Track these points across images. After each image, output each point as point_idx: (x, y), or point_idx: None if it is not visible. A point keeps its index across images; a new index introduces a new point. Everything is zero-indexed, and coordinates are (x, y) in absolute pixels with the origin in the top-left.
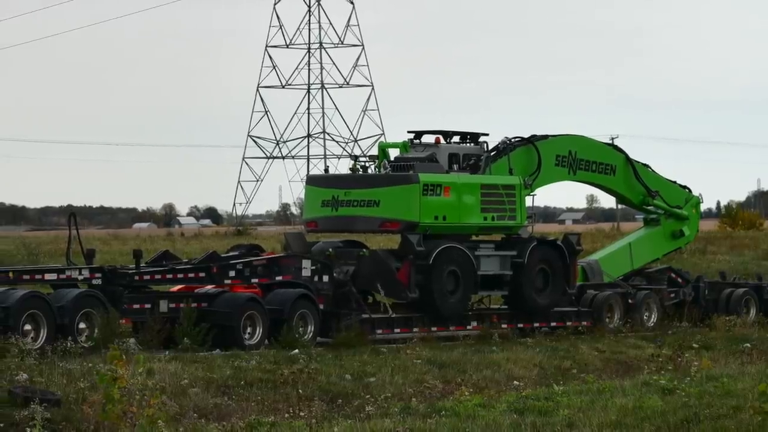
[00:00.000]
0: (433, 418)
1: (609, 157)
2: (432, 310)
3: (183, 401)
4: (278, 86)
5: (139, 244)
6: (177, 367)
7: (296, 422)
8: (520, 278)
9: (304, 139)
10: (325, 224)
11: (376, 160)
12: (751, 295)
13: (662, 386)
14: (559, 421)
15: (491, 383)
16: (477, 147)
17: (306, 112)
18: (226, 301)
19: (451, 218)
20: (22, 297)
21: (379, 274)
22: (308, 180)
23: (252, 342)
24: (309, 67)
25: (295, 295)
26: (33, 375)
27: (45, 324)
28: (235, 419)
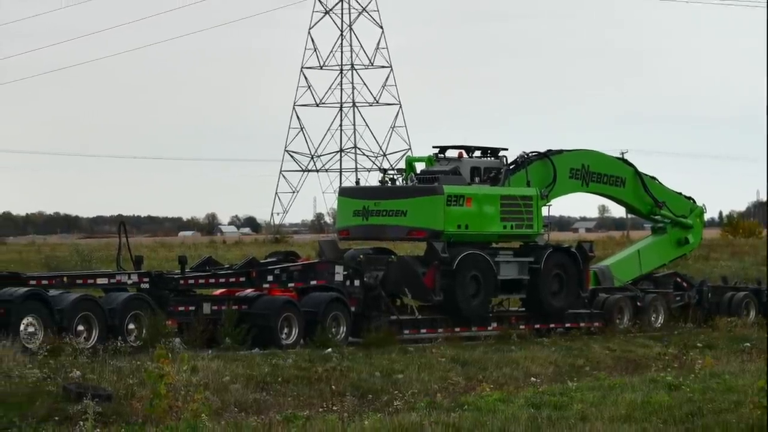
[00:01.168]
0: (456, 412)
1: (619, 170)
2: (455, 312)
3: (224, 396)
4: (313, 105)
5: (184, 251)
6: (219, 365)
7: (329, 416)
8: (537, 282)
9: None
10: (356, 232)
11: (403, 173)
12: (751, 298)
13: (668, 383)
14: (572, 415)
15: (510, 380)
16: (497, 161)
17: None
18: (265, 304)
19: (473, 227)
20: (75, 300)
21: (406, 279)
22: (341, 192)
23: (288, 342)
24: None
25: (329, 298)
26: (86, 372)
27: (97, 325)
28: (272, 413)
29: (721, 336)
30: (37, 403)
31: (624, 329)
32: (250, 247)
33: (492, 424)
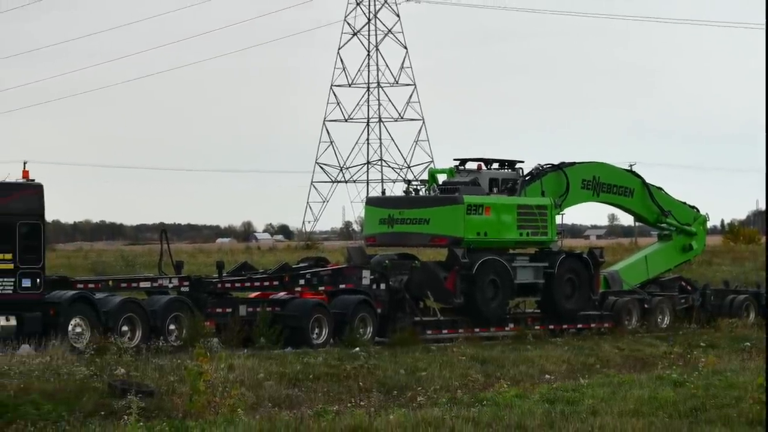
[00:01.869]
0: (476, 407)
1: (628, 181)
2: (475, 313)
3: (259, 392)
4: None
5: (221, 257)
6: (254, 363)
7: (357, 411)
8: (551, 286)
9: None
10: (382, 239)
11: (426, 183)
12: (750, 300)
13: (674, 379)
14: (584, 410)
15: (526, 377)
16: (513, 172)
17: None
18: (297, 306)
19: (492, 234)
20: (120, 302)
21: (429, 283)
22: (368, 201)
23: (319, 341)
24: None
25: (356, 300)
26: (129, 370)
27: (140, 325)
28: (304, 408)
29: (723, 336)
30: (85, 398)
31: (632, 330)
32: (283, 253)
33: (509, 419)
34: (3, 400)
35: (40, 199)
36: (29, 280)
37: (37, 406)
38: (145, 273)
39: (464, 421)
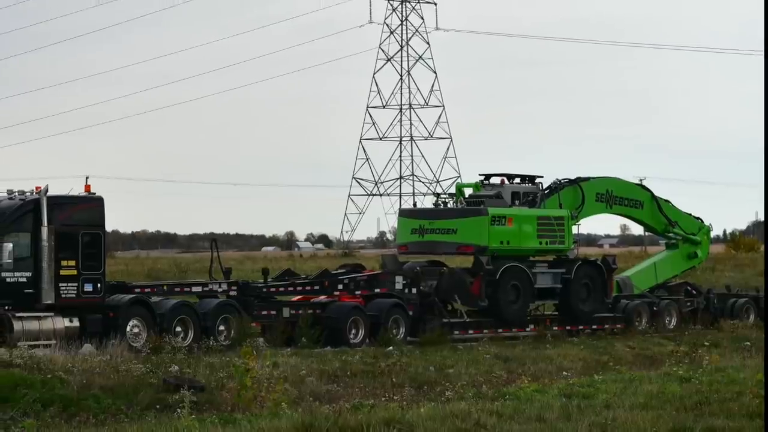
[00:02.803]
0: (499, 401)
1: (638, 194)
2: (499, 315)
3: (301, 388)
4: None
5: (266, 264)
6: (297, 361)
7: (391, 404)
8: (568, 290)
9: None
10: (413, 248)
11: (454, 197)
12: (750, 304)
13: (680, 376)
14: (598, 403)
15: (545, 373)
16: (534, 186)
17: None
18: (336, 309)
19: (514, 243)
20: (174, 305)
21: (456, 287)
22: (400, 213)
23: (356, 341)
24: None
25: (390, 303)
26: (182, 367)
27: (192, 326)
28: (342, 402)
29: (725, 336)
30: (141, 393)
31: (642, 330)
32: (323, 260)
33: (530, 411)
34: (67, 394)
35: (100, 211)
36: (91, 284)
37: (98, 400)
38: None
39: (488, 413)
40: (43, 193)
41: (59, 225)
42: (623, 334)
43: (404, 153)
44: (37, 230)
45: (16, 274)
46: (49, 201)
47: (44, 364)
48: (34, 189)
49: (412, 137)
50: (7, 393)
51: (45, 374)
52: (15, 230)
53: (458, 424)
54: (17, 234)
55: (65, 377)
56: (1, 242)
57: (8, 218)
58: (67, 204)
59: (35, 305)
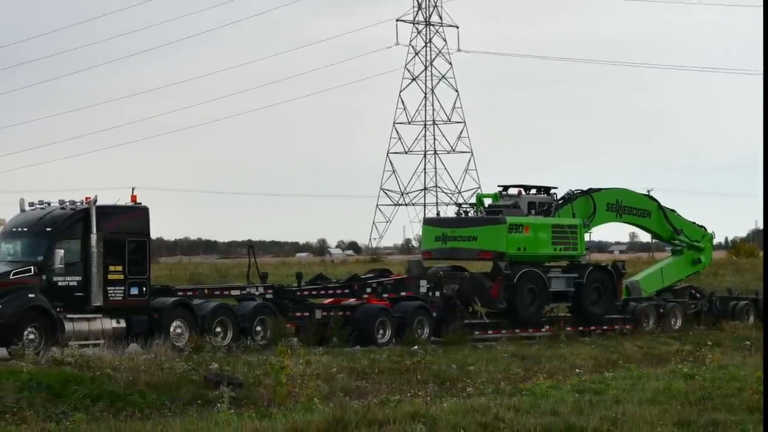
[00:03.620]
0: (516, 397)
1: (646, 204)
2: (516, 317)
3: (332, 384)
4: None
5: (300, 269)
6: (328, 359)
7: (416, 399)
8: (581, 293)
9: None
10: (437, 254)
11: (474, 206)
12: (750, 306)
13: (685, 373)
14: (609, 399)
15: (559, 371)
16: (548, 197)
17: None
18: (364, 311)
19: (530, 249)
20: (214, 307)
21: (476, 291)
22: (425, 221)
23: (383, 341)
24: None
25: (415, 306)
26: (222, 365)
27: (231, 327)
28: (371, 397)
29: (727, 336)
30: (184, 389)
31: (649, 331)
32: (352, 265)
33: (545, 406)
34: (115, 390)
35: (145, 220)
36: (137, 288)
37: (144, 396)
38: (236, 282)
39: (506, 408)
40: (93, 203)
41: (107, 233)
42: (632, 334)
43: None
44: (86, 237)
45: (68, 279)
46: (97, 210)
47: (93, 362)
48: (84, 199)
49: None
50: (59, 389)
51: (94, 372)
52: (66, 237)
53: (478, 418)
54: (68, 241)
55: (113, 374)
56: (53, 249)
57: (60, 226)
58: (114, 213)
59: (85, 307)
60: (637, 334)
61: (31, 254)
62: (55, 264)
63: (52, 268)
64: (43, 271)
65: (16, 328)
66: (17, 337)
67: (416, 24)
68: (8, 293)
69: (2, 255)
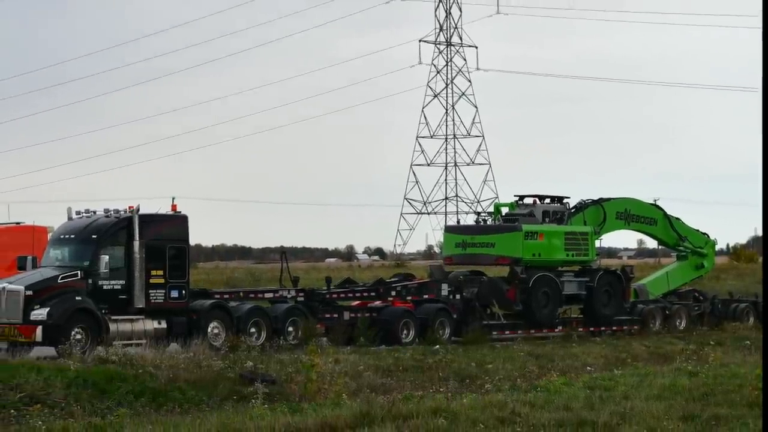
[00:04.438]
0: (531, 393)
1: (652, 213)
2: (531, 318)
3: (359, 381)
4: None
5: (329, 273)
6: (355, 358)
7: (437, 395)
8: (592, 296)
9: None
10: (457, 259)
11: (492, 215)
12: (750, 308)
13: (689, 371)
14: (618, 394)
15: (572, 369)
16: (561, 206)
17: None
18: (389, 312)
19: (544, 255)
20: (249, 309)
21: (494, 294)
22: (446, 229)
23: (407, 340)
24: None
25: (437, 308)
26: (256, 363)
27: (264, 327)
28: (395, 393)
29: (728, 336)
30: (220, 386)
31: (656, 331)
32: (378, 270)
33: (558, 402)
34: (156, 387)
35: (185, 227)
36: (176, 291)
37: (183, 392)
38: (269, 286)
39: (522, 403)
40: (135, 212)
41: (149, 239)
42: (639, 335)
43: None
44: (130, 244)
45: (112, 282)
46: (140, 218)
47: (136, 360)
48: (128, 208)
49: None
50: (104, 386)
51: (137, 369)
52: (111, 244)
53: (496, 413)
54: (113, 247)
55: (154, 372)
56: (99, 254)
57: (105, 234)
58: (156, 221)
59: (128, 309)
60: (644, 335)
61: (78, 259)
62: (100, 269)
63: (97, 272)
64: (89, 276)
65: (64, 329)
66: (65, 337)
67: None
68: (57, 296)
69: (51, 260)
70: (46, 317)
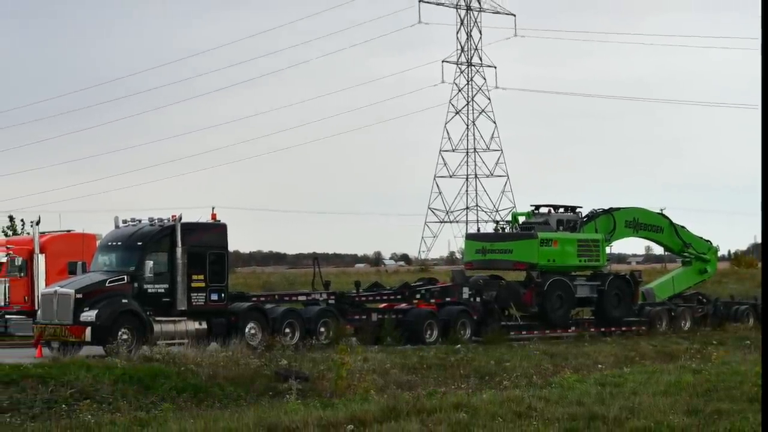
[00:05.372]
0: (546, 389)
1: (659, 221)
2: (546, 319)
3: (386, 378)
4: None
5: (358, 278)
6: (382, 356)
7: (459, 391)
8: (603, 299)
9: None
10: (477, 265)
11: (510, 223)
12: (750, 310)
13: (693, 368)
14: (627, 390)
15: (584, 366)
16: (574, 215)
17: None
18: (414, 314)
19: (558, 261)
20: (283, 311)
21: (512, 297)
22: (467, 236)
23: (430, 340)
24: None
25: (458, 310)
26: (290, 361)
27: (298, 328)
28: (420, 389)
29: (729, 336)
30: (257, 382)
31: (662, 331)
32: (404, 274)
33: (571, 397)
34: (197, 383)
35: (224, 235)
36: (216, 294)
37: (222, 388)
38: (302, 289)
39: (538, 398)
40: (178, 221)
41: (191, 246)
42: (647, 335)
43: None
44: (173, 250)
45: (156, 286)
46: (182, 227)
47: (178, 359)
48: (171, 217)
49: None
50: (149, 382)
51: (179, 367)
52: (155, 250)
53: (513, 408)
54: (157, 253)
55: (195, 369)
56: (144, 260)
57: (150, 241)
58: (197, 229)
59: (171, 311)
60: (651, 335)
61: (124, 265)
62: (145, 273)
63: (142, 277)
64: (135, 280)
65: (112, 329)
66: (112, 337)
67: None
68: (104, 299)
69: (99, 265)
70: (95, 318)
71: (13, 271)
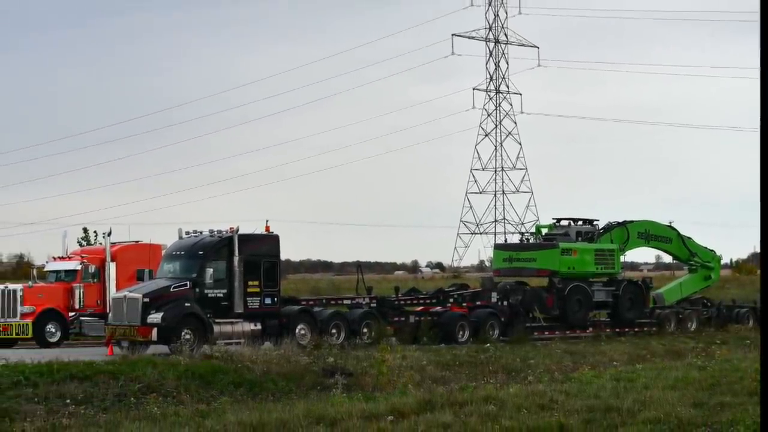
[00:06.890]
0: (567, 384)
1: (668, 233)
2: (566, 321)
3: (423, 374)
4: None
5: (397, 283)
6: (419, 354)
7: (488, 386)
8: (617, 303)
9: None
10: (505, 272)
11: (534, 235)
12: (750, 312)
13: (699, 365)
14: (639, 385)
15: (600, 363)
16: (592, 227)
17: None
18: (448, 316)
19: (578, 268)
20: (330, 313)
21: (535, 300)
22: (495, 246)
23: (462, 340)
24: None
25: (487, 312)
26: (336, 359)
27: (343, 329)
28: (453, 384)
29: (731, 336)
30: (306, 378)
31: (671, 332)
32: (438, 281)
33: (589, 390)
34: (253, 378)
35: (277, 245)
36: (270, 298)
37: (275, 383)
38: (347, 294)
39: (559, 392)
40: (235, 232)
41: (247, 255)
42: (657, 335)
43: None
44: (230, 259)
45: (216, 291)
46: (239, 238)
47: (236, 356)
48: (229, 229)
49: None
50: (209, 378)
51: (236, 364)
52: (215, 259)
53: (537, 400)
54: (216, 262)
55: (251, 366)
56: (205, 268)
57: (210, 250)
58: (252, 240)
59: (229, 314)
60: (661, 335)
61: (187, 272)
62: (206, 280)
63: (203, 283)
64: (197, 286)
65: (176, 330)
66: (176, 337)
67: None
68: (169, 303)
69: (164, 273)
70: (161, 320)
71: (87, 278)
